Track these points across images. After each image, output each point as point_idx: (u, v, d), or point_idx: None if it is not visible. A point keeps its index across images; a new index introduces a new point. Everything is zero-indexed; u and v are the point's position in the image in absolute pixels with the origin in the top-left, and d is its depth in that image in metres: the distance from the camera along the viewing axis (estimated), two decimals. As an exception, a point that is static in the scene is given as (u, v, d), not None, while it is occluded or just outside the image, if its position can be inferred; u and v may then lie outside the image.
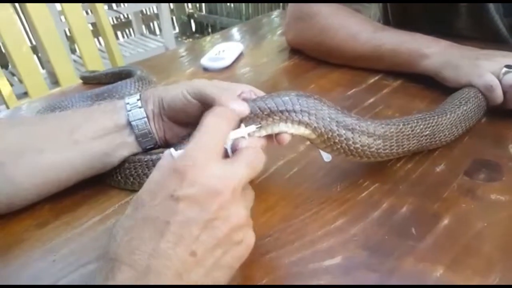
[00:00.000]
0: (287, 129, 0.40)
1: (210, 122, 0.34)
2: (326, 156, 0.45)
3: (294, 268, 0.37)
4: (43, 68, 2.76)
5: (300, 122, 0.40)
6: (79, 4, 1.29)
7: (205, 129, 0.33)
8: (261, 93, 0.44)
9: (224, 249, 0.31)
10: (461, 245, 0.38)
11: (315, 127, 0.40)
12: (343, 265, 0.37)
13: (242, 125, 0.38)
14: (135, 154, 0.47)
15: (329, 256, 0.37)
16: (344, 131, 0.41)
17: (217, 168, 0.31)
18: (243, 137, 0.36)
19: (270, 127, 0.40)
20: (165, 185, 0.30)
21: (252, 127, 0.38)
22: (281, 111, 0.39)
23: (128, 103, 0.46)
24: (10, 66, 2.90)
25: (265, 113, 0.39)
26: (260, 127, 0.39)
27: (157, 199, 0.30)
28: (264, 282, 0.36)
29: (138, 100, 0.46)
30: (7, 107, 1.15)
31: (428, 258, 0.37)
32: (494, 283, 0.34)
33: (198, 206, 0.29)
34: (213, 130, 0.34)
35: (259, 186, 0.47)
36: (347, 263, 0.37)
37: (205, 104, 0.42)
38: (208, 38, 1.01)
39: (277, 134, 0.40)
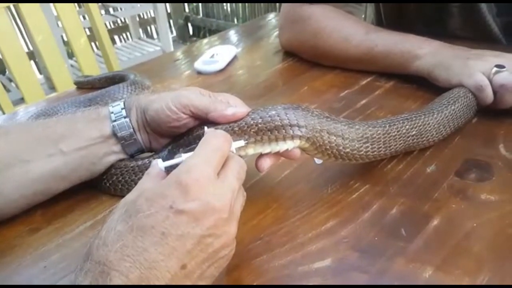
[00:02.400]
0: (287, 147, 0.40)
1: (215, 142, 0.34)
2: (318, 159, 0.45)
3: (284, 270, 0.37)
4: (40, 73, 2.76)
5: (293, 137, 0.40)
6: (75, 9, 1.29)
7: (209, 147, 0.34)
8: (241, 103, 0.44)
9: (210, 263, 0.31)
10: (451, 246, 0.38)
11: (307, 138, 0.40)
12: (333, 267, 0.37)
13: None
14: (121, 160, 0.46)
15: (319, 258, 0.38)
16: (334, 138, 0.41)
17: (216, 186, 0.32)
18: (231, 151, 0.37)
19: (264, 146, 0.40)
20: (165, 194, 0.30)
21: (241, 142, 0.39)
22: (274, 129, 0.40)
23: (112, 113, 0.45)
24: (7, 72, 2.90)
25: (259, 131, 0.40)
26: (247, 143, 0.40)
27: (154, 207, 0.30)
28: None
29: (122, 109, 0.45)
30: (3, 113, 1.15)
31: (418, 258, 0.37)
32: (484, 282, 0.34)
33: (196, 221, 0.30)
34: (217, 150, 0.34)
35: (251, 189, 0.47)
36: (337, 265, 0.37)
37: (196, 116, 0.42)
38: (205, 40, 1.00)
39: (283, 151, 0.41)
